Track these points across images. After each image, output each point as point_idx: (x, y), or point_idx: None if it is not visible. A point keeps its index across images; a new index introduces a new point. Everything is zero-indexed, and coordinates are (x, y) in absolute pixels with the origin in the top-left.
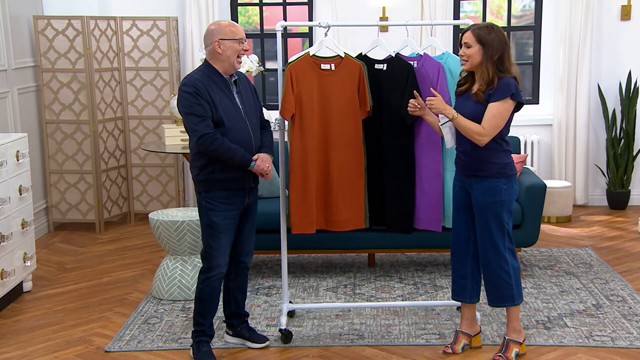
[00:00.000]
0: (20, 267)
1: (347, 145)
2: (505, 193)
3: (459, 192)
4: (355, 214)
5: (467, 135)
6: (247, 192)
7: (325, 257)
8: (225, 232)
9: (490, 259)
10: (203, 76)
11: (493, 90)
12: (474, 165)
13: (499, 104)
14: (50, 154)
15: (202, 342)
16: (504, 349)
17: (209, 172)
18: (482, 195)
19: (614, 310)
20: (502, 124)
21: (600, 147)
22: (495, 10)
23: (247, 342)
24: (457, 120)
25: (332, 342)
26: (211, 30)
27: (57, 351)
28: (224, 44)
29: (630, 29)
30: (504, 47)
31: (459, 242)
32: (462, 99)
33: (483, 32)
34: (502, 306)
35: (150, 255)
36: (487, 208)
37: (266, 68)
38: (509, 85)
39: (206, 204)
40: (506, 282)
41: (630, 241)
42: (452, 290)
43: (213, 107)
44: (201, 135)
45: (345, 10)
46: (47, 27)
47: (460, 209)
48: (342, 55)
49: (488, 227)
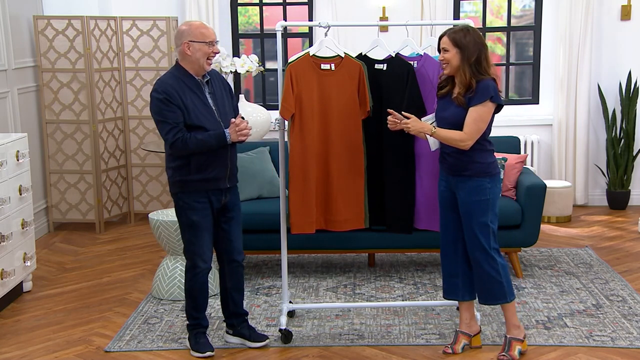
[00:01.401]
0: (20, 267)
1: (347, 145)
2: (489, 192)
3: (444, 192)
4: (355, 214)
5: (450, 144)
6: (223, 192)
7: (325, 257)
8: (206, 230)
9: (479, 257)
10: (174, 79)
11: (473, 94)
12: (459, 165)
13: (478, 107)
14: (50, 154)
15: (199, 334)
16: (506, 347)
17: (183, 173)
18: (467, 194)
19: (614, 310)
20: (484, 126)
21: (600, 147)
22: (495, 10)
23: (246, 341)
24: (437, 133)
25: (332, 342)
26: (182, 30)
27: (57, 351)
28: (193, 46)
29: (630, 29)
30: (481, 48)
31: (447, 242)
32: (444, 102)
33: (459, 36)
34: (495, 304)
35: (150, 255)
36: (473, 207)
37: (266, 68)
38: (488, 88)
39: (183, 204)
40: (497, 280)
41: (630, 241)
42: (444, 290)
43: (185, 111)
44: (172, 142)
45: (345, 10)
46: (47, 27)
47: (446, 209)
48: (342, 55)
49: (472, 227)
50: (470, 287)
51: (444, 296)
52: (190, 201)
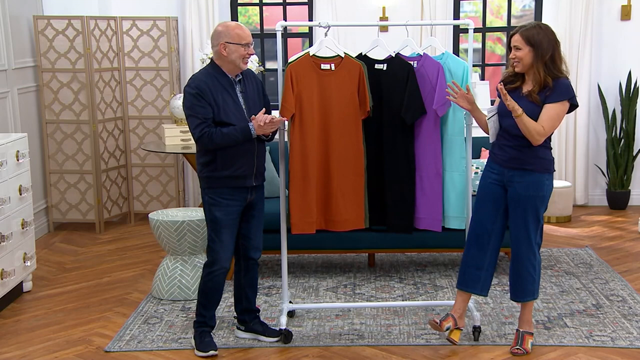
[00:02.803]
0: (20, 267)
1: (347, 145)
2: (547, 188)
3: (491, 185)
4: (355, 214)
5: (527, 133)
6: (249, 190)
7: (325, 257)
8: (228, 228)
9: (522, 252)
10: (208, 76)
11: (550, 92)
12: (522, 158)
13: (557, 105)
14: (50, 154)
15: (204, 333)
16: (519, 341)
17: (211, 169)
18: (525, 188)
19: (614, 310)
20: (558, 124)
21: (600, 147)
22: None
23: (260, 336)
24: (522, 118)
25: (332, 342)
26: (218, 31)
27: (57, 351)
28: (230, 47)
29: (630, 29)
30: (554, 46)
31: (481, 233)
32: (514, 97)
33: (532, 33)
34: (524, 301)
35: (150, 255)
36: (528, 202)
37: (266, 68)
38: (568, 88)
39: (209, 200)
40: (532, 276)
41: (630, 241)
42: (462, 281)
43: (216, 108)
44: (199, 137)
45: (345, 10)
46: (47, 27)
47: (488, 201)
48: (342, 55)
49: (526, 220)
50: (489, 282)
51: (460, 287)
52: (216, 197)
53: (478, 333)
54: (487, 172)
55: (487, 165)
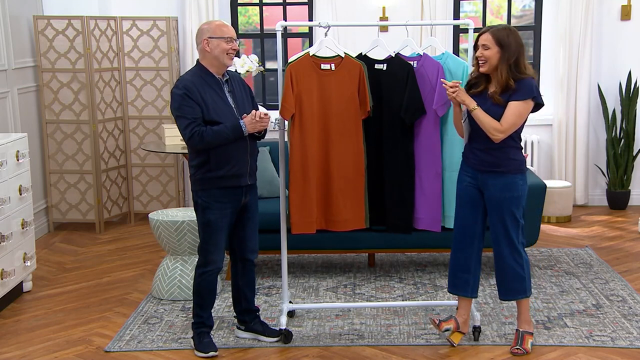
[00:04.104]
0: (20, 267)
1: (347, 145)
2: (521, 188)
3: (467, 188)
4: (355, 214)
5: (485, 129)
6: (243, 190)
7: (325, 257)
8: (221, 230)
9: (505, 253)
10: (194, 76)
11: (513, 92)
12: (493, 161)
13: (520, 103)
14: (50, 154)
15: (202, 333)
16: (519, 341)
17: (205, 170)
18: (499, 190)
19: (614, 310)
20: (520, 123)
21: (600, 147)
22: (495, 10)
23: (260, 336)
24: (477, 112)
25: (332, 342)
26: (202, 29)
27: (57, 351)
28: (212, 42)
29: (630, 29)
30: (521, 50)
31: (464, 237)
32: (480, 99)
33: (502, 35)
34: (514, 299)
35: (150, 255)
36: (504, 203)
37: (266, 68)
38: (532, 87)
39: (202, 203)
40: (520, 275)
41: (630, 241)
42: (452, 285)
43: (205, 107)
44: (189, 137)
45: (345, 10)
46: (47, 27)
47: (466, 205)
48: (342, 55)
49: (504, 222)
50: (478, 284)
51: (451, 291)
52: (209, 199)
53: (478, 333)
54: (462, 175)
55: (461, 168)
